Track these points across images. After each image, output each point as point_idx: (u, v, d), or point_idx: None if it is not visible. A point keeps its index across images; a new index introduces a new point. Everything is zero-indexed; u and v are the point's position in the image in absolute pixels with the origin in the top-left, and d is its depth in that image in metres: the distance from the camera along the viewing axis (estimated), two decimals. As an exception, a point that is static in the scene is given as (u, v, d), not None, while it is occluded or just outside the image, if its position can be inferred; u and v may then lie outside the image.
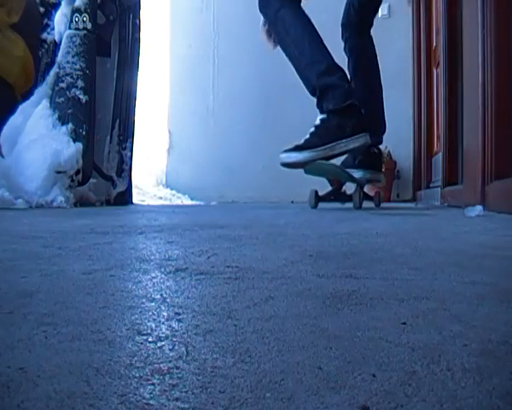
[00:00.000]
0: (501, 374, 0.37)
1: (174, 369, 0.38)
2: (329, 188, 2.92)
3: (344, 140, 2.45)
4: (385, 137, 3.10)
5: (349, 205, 2.86)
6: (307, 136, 2.53)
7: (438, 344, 0.44)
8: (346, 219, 2.05)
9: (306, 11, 2.69)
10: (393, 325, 0.50)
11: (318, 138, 2.47)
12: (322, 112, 2.54)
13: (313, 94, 2.59)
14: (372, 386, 0.35)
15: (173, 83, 5.85)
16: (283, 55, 2.73)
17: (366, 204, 2.89)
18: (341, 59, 2.81)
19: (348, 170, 2.73)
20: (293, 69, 2.64)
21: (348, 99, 2.51)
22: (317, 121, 2.54)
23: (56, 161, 3.01)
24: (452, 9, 3.60)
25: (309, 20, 2.60)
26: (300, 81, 2.66)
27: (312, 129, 2.54)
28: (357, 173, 2.81)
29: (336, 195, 2.85)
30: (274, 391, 0.34)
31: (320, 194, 2.85)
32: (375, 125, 2.82)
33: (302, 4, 2.66)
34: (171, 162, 5.80)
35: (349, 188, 2.86)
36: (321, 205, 2.90)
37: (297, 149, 2.53)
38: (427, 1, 4.75)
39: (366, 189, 2.97)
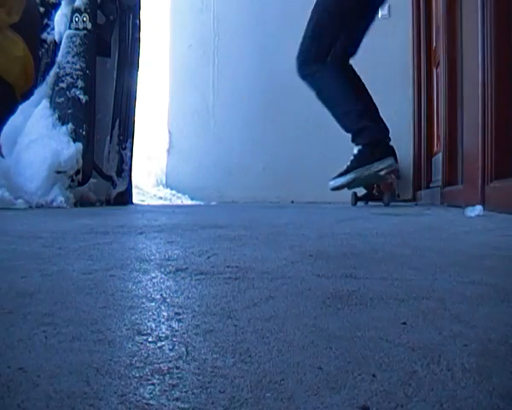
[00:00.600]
0: (501, 374, 0.37)
1: (174, 369, 0.38)
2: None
3: (376, 162, 3.13)
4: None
5: (362, 203, 3.76)
6: (348, 163, 3.18)
7: (438, 344, 0.44)
8: (346, 220, 2.05)
9: None
10: (393, 325, 0.50)
11: (357, 163, 3.14)
12: (357, 145, 3.15)
13: (348, 132, 3.18)
14: (372, 386, 0.35)
15: (173, 83, 5.84)
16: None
17: (371, 203, 3.62)
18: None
19: (374, 163, 3.23)
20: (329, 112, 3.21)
21: (379, 135, 3.14)
22: (355, 151, 3.16)
23: (56, 161, 3.00)
24: (452, 9, 3.59)
25: (345, 75, 3.13)
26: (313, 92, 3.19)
27: (352, 157, 3.18)
28: (381, 164, 3.23)
29: (370, 195, 3.74)
30: (274, 391, 0.34)
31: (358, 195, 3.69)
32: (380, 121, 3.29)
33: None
34: (171, 162, 5.78)
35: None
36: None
37: (341, 175, 3.20)
38: (427, 1, 4.74)
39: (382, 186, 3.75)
